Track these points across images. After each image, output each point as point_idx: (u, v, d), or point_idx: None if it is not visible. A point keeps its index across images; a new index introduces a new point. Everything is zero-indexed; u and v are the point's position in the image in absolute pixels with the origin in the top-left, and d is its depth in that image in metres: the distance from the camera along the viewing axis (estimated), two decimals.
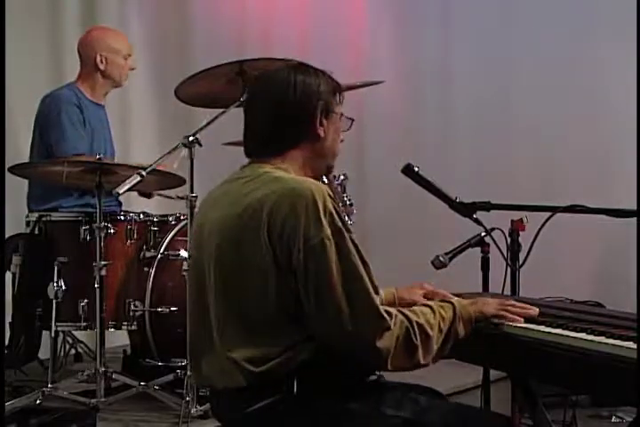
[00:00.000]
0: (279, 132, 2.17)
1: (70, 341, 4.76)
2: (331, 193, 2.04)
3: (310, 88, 2.17)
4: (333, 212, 2.01)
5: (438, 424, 2.06)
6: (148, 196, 4.53)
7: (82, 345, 4.83)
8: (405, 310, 2.07)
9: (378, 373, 2.19)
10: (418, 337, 2.02)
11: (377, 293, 2.01)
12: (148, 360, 4.03)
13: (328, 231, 1.98)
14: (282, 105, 2.16)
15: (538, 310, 2.19)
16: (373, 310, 1.98)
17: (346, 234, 2.01)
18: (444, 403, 2.15)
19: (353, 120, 2.30)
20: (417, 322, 2.03)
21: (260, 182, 2.09)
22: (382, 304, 2.03)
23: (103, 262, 3.80)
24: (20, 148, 4.47)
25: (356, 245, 2.02)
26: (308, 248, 1.97)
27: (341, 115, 2.24)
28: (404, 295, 2.44)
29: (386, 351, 1.98)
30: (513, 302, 2.21)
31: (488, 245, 2.67)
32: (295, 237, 1.98)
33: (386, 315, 1.99)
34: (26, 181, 4.34)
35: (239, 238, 2.04)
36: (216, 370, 2.09)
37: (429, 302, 2.17)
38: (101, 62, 4.38)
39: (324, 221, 1.98)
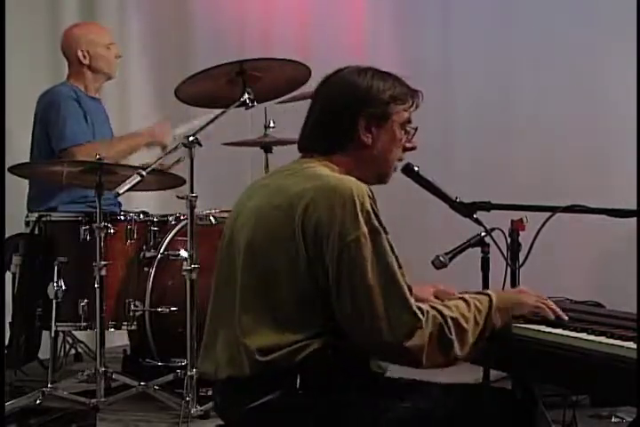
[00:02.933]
0: (325, 134, 2.16)
1: (70, 341, 4.77)
2: (371, 193, 2.03)
3: (358, 91, 2.13)
4: (371, 211, 2.00)
5: (441, 412, 2.06)
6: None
7: (82, 345, 4.83)
8: (439, 305, 2.05)
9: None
10: (453, 332, 2.00)
11: (411, 294, 2.00)
12: (147, 360, 4.04)
13: (365, 229, 1.97)
14: (327, 105, 2.15)
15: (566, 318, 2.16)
16: (409, 310, 1.96)
17: (383, 234, 2.00)
18: (448, 389, 2.14)
19: (416, 129, 2.23)
20: (451, 317, 2.01)
21: (302, 177, 2.09)
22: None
23: (103, 262, 3.80)
24: (19, 147, 4.47)
25: (391, 246, 2.01)
26: (344, 245, 1.96)
27: (406, 122, 2.19)
28: (416, 293, 2.45)
29: (417, 350, 1.96)
30: (549, 302, 2.19)
31: (488, 245, 2.66)
32: (330, 234, 1.97)
33: (420, 315, 1.97)
34: (26, 181, 4.34)
35: (273, 229, 2.04)
36: (225, 357, 2.09)
37: (465, 295, 2.13)
38: (84, 57, 4.40)
39: (361, 219, 1.97)
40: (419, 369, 2.01)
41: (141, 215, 4.16)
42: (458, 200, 2.71)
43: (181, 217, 4.17)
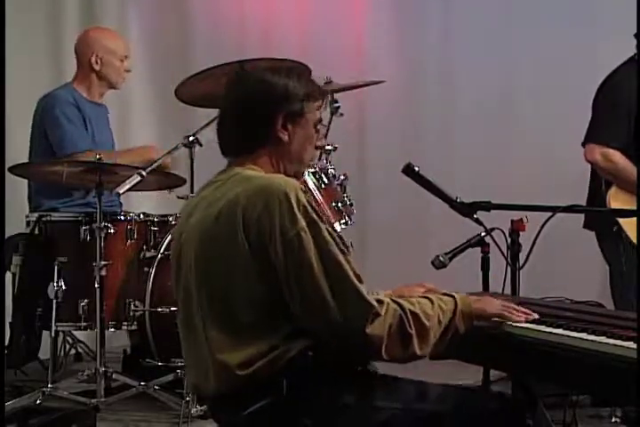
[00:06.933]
0: (242, 133, 2.18)
1: (70, 341, 4.76)
2: (302, 187, 2.06)
3: (274, 89, 2.15)
4: (306, 204, 2.02)
5: (432, 411, 2.06)
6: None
7: (82, 345, 4.83)
8: (399, 299, 2.06)
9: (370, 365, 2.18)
10: (412, 326, 2.01)
11: (360, 281, 2.01)
12: (148, 360, 4.03)
13: (303, 223, 1.99)
14: (244, 105, 2.17)
15: (537, 316, 2.19)
16: (358, 296, 1.98)
17: (321, 225, 2.02)
18: (437, 388, 2.14)
19: (328, 127, 2.29)
20: (411, 310, 2.02)
21: (232, 184, 2.11)
22: (369, 292, 2.02)
23: (103, 262, 3.80)
24: (19, 148, 4.47)
25: (332, 236, 2.02)
26: (286, 242, 1.98)
27: (318, 121, 2.22)
28: (403, 293, 2.44)
29: (378, 339, 1.97)
30: (515, 306, 2.20)
31: (488, 245, 2.66)
32: (271, 232, 1.99)
33: (373, 301, 1.98)
34: (26, 181, 4.34)
35: (217, 240, 2.06)
36: (204, 376, 2.09)
37: (429, 295, 2.15)
38: (96, 63, 4.38)
39: (298, 215, 1.99)
40: (380, 362, 2.03)
41: (141, 215, 4.16)
42: (458, 200, 2.71)
43: None
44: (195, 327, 2.10)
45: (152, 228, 4.14)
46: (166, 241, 4.10)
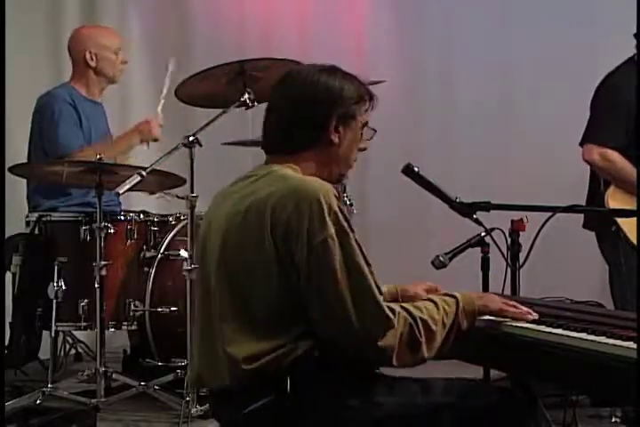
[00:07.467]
0: (292, 132, 2.16)
1: (70, 341, 4.77)
2: (336, 193, 2.04)
3: (331, 92, 2.14)
4: (338, 211, 2.00)
5: (435, 404, 2.07)
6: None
7: (82, 345, 4.83)
8: (409, 306, 2.06)
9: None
10: (422, 333, 2.02)
11: (381, 293, 2.01)
12: (148, 360, 4.04)
13: (332, 230, 1.98)
14: (298, 105, 2.15)
15: (537, 315, 2.19)
16: (379, 309, 1.98)
17: (350, 234, 2.00)
18: (440, 382, 2.14)
19: (375, 131, 2.28)
20: (420, 318, 2.03)
21: (266, 181, 2.10)
22: (385, 301, 2.03)
23: (103, 262, 3.80)
24: (19, 147, 4.47)
25: (359, 246, 2.01)
26: (312, 247, 1.97)
27: (365, 124, 2.22)
28: (407, 287, 2.45)
29: (390, 349, 1.98)
30: (516, 304, 2.21)
31: (488, 245, 2.66)
32: (299, 235, 1.97)
33: (390, 314, 1.98)
34: (25, 181, 4.34)
35: (243, 236, 2.05)
36: (209, 367, 2.10)
37: (433, 297, 2.15)
38: (91, 59, 4.38)
39: (329, 221, 1.98)
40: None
41: (141, 215, 4.16)
42: (458, 200, 2.71)
43: (181, 217, 4.17)
44: (210, 317, 2.11)
45: (152, 228, 4.14)
46: (166, 241, 4.10)
